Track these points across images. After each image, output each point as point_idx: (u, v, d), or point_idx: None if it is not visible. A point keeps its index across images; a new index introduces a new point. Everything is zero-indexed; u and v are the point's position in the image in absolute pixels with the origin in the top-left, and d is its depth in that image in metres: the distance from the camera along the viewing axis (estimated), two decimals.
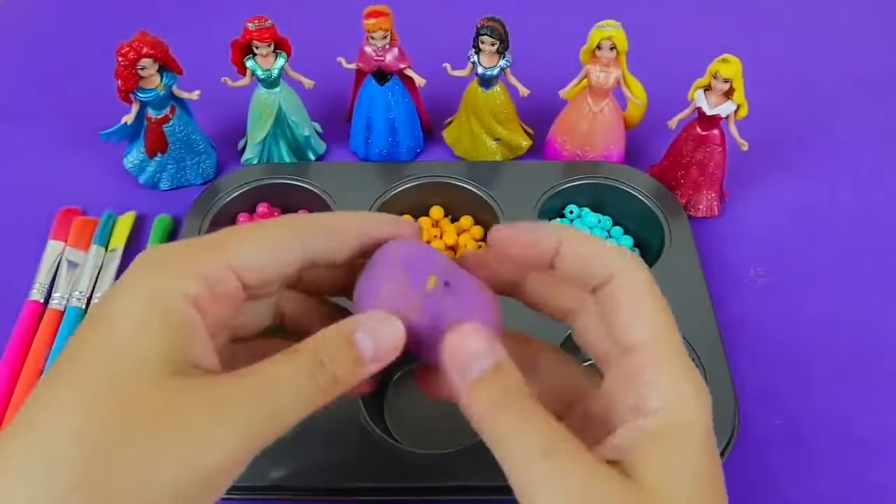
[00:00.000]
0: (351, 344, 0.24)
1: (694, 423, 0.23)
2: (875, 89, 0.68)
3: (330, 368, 0.23)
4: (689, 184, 0.55)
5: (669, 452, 0.22)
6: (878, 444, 0.44)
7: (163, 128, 0.54)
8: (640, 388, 0.23)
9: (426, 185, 0.54)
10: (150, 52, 0.50)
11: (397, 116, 0.57)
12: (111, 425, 0.20)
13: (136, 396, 0.20)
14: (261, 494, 0.39)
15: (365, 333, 0.24)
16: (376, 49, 0.54)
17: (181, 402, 0.21)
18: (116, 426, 0.20)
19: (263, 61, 0.54)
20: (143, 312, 0.22)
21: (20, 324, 0.48)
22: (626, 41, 0.52)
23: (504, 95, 0.57)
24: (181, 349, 0.22)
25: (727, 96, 0.51)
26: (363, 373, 0.24)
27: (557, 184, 0.54)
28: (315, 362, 0.23)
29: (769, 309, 0.51)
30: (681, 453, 0.22)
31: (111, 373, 0.21)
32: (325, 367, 0.23)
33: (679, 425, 0.23)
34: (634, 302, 0.24)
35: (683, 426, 0.23)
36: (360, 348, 0.24)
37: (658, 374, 0.23)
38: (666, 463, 0.22)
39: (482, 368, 0.23)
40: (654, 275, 0.26)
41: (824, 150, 0.62)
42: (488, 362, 0.23)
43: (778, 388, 0.47)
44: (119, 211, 0.55)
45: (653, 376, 0.23)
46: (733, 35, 0.71)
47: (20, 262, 0.52)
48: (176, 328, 0.22)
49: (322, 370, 0.23)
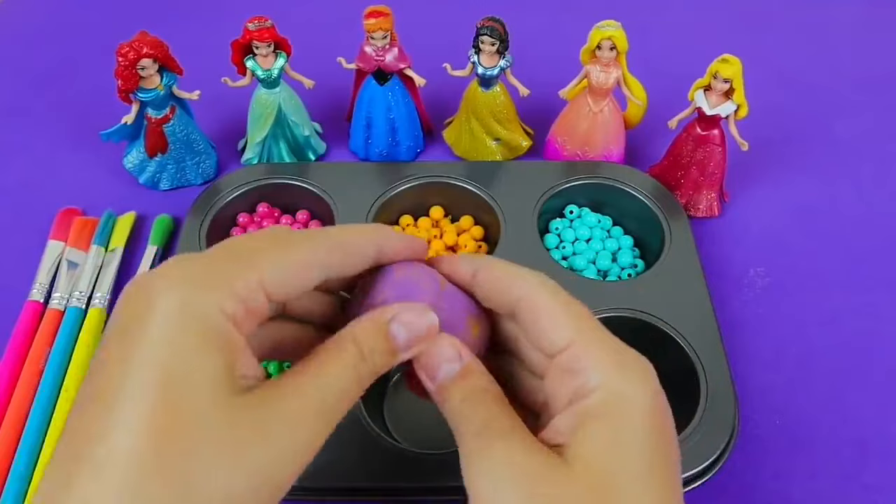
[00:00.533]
0: (387, 336, 0.25)
1: (633, 398, 0.23)
2: (875, 89, 0.68)
3: (370, 360, 0.24)
4: (689, 184, 0.55)
5: (608, 429, 0.23)
6: (878, 443, 0.44)
7: (163, 128, 0.54)
8: (575, 375, 0.24)
9: (426, 185, 0.54)
10: (150, 52, 0.50)
11: (397, 116, 0.57)
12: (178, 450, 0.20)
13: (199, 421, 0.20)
14: None
15: (400, 325, 0.25)
16: (376, 49, 0.54)
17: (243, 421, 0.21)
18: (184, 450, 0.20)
19: (263, 61, 0.54)
20: (190, 333, 0.21)
21: (20, 324, 0.48)
22: (626, 41, 0.52)
23: (504, 95, 0.57)
24: (231, 368, 0.22)
25: (727, 96, 0.51)
26: (395, 362, 0.25)
27: (557, 184, 0.54)
28: (358, 356, 0.24)
29: (769, 309, 0.51)
30: (620, 429, 0.23)
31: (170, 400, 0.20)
32: (366, 360, 0.24)
33: (617, 401, 0.23)
34: (549, 310, 0.25)
35: (622, 402, 0.23)
36: (395, 339, 0.25)
37: (589, 360, 0.24)
38: (604, 439, 0.22)
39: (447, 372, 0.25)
40: (654, 274, 0.26)
41: (824, 150, 0.62)
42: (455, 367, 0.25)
43: (778, 388, 0.47)
44: (119, 211, 0.55)
45: (585, 362, 0.24)
46: (733, 35, 0.71)
47: (20, 262, 0.52)
48: (223, 348, 0.22)
49: (364, 363, 0.24)
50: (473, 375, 0.26)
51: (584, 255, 0.52)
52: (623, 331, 0.45)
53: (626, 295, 0.47)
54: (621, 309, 0.46)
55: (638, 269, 0.51)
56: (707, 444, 0.40)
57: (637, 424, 0.23)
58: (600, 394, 0.23)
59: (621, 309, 0.46)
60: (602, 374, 0.24)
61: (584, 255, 0.52)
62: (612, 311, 0.46)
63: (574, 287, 0.48)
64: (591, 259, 0.52)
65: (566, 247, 0.52)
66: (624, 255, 0.52)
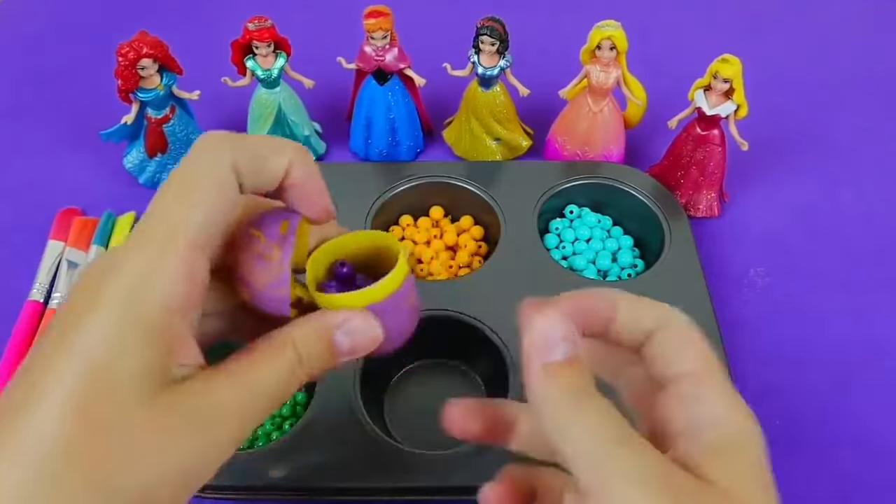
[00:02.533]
0: (330, 344, 0.25)
1: (753, 439, 0.23)
2: (875, 89, 0.68)
3: (307, 364, 0.24)
4: (689, 184, 0.55)
5: (737, 461, 0.23)
6: (878, 444, 0.44)
7: (163, 128, 0.54)
8: (697, 404, 0.23)
9: (426, 185, 0.54)
10: (150, 52, 0.50)
11: (397, 116, 0.57)
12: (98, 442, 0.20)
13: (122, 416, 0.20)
14: (260, 494, 0.39)
15: (344, 335, 0.25)
16: (376, 49, 0.54)
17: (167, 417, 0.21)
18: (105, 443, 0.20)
19: (263, 61, 0.54)
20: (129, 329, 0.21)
21: (20, 323, 0.48)
22: (626, 41, 0.52)
23: (504, 95, 0.57)
24: (164, 362, 0.22)
25: (727, 96, 0.51)
26: (334, 366, 0.25)
27: (557, 184, 0.54)
28: (296, 360, 0.24)
29: (769, 309, 0.51)
30: (747, 463, 0.23)
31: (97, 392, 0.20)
32: (303, 364, 0.24)
33: (740, 439, 0.23)
34: (683, 339, 0.25)
35: (745, 440, 0.23)
36: (338, 347, 0.25)
37: (714, 395, 0.24)
38: (736, 469, 0.22)
39: (565, 353, 0.23)
40: (654, 274, 0.26)
41: (824, 150, 0.62)
42: (570, 350, 0.23)
43: (778, 388, 0.47)
44: (119, 211, 0.55)
45: (710, 394, 0.24)
46: (733, 35, 0.71)
47: (20, 262, 0.52)
48: (160, 343, 0.22)
49: (301, 366, 0.24)
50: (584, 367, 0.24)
51: (584, 255, 0.52)
52: None
53: None
54: None
55: (638, 269, 0.51)
56: None
57: (763, 462, 0.23)
58: (730, 428, 0.23)
59: None
60: (729, 409, 0.23)
61: (584, 255, 0.52)
62: None
63: (574, 287, 0.48)
64: (591, 259, 0.52)
65: (566, 247, 0.52)
66: (624, 255, 0.52)
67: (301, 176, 0.25)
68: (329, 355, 0.25)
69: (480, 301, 0.46)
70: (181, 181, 0.23)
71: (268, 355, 0.24)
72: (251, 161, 0.24)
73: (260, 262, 0.25)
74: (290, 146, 0.25)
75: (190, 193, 0.23)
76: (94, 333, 0.21)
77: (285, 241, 0.25)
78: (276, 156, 0.25)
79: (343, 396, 0.42)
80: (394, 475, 0.39)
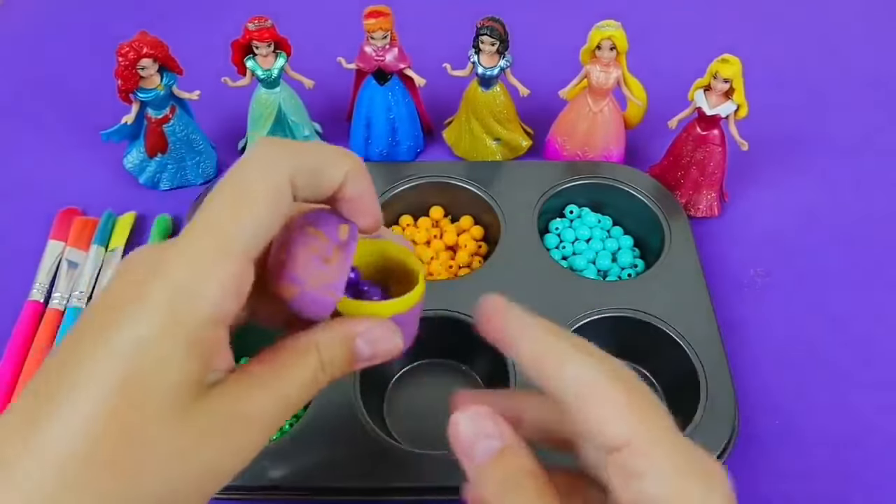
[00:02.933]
0: (351, 350, 0.25)
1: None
2: (875, 89, 0.68)
3: (329, 370, 0.25)
4: (689, 184, 0.55)
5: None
6: (878, 444, 0.44)
7: (163, 128, 0.54)
8: (637, 478, 0.22)
9: (426, 185, 0.54)
10: (150, 52, 0.50)
11: (397, 116, 0.57)
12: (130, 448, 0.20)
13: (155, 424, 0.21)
14: (261, 494, 0.39)
15: (366, 344, 0.25)
16: (376, 49, 0.54)
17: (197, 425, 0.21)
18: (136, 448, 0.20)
19: (263, 61, 0.54)
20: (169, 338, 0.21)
21: (20, 324, 0.48)
22: (626, 41, 0.52)
23: (504, 95, 0.57)
24: (201, 374, 0.22)
25: (727, 96, 0.51)
26: (351, 372, 0.26)
27: (557, 184, 0.54)
28: (319, 366, 0.25)
29: (769, 309, 0.51)
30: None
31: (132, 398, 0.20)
32: (325, 369, 0.25)
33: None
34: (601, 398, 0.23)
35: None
36: (359, 353, 0.25)
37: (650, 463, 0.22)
38: None
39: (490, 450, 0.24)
40: (654, 274, 0.25)
41: (824, 150, 0.62)
42: (495, 444, 0.24)
43: (778, 388, 0.47)
44: (119, 211, 0.55)
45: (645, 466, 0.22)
46: (733, 35, 0.71)
47: (20, 262, 0.52)
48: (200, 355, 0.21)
49: (323, 372, 0.25)
50: (515, 455, 0.24)
51: (584, 255, 0.52)
52: (623, 331, 0.46)
53: (626, 295, 0.47)
54: (621, 309, 0.46)
55: (638, 269, 0.51)
56: (707, 445, 0.40)
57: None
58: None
59: (621, 309, 0.46)
60: (664, 482, 0.21)
61: (584, 255, 0.52)
62: (612, 311, 0.46)
63: (574, 287, 0.49)
64: (591, 259, 0.52)
65: (566, 247, 0.52)
66: (624, 255, 0.52)
67: (357, 190, 0.25)
68: (349, 362, 0.25)
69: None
70: (237, 187, 0.23)
71: (293, 360, 0.24)
72: (309, 174, 0.24)
73: (318, 262, 0.24)
74: (346, 158, 0.25)
75: (245, 203, 0.22)
76: (136, 336, 0.21)
77: (346, 246, 0.25)
78: (332, 168, 0.24)
79: (343, 396, 0.42)
80: (394, 475, 0.39)
